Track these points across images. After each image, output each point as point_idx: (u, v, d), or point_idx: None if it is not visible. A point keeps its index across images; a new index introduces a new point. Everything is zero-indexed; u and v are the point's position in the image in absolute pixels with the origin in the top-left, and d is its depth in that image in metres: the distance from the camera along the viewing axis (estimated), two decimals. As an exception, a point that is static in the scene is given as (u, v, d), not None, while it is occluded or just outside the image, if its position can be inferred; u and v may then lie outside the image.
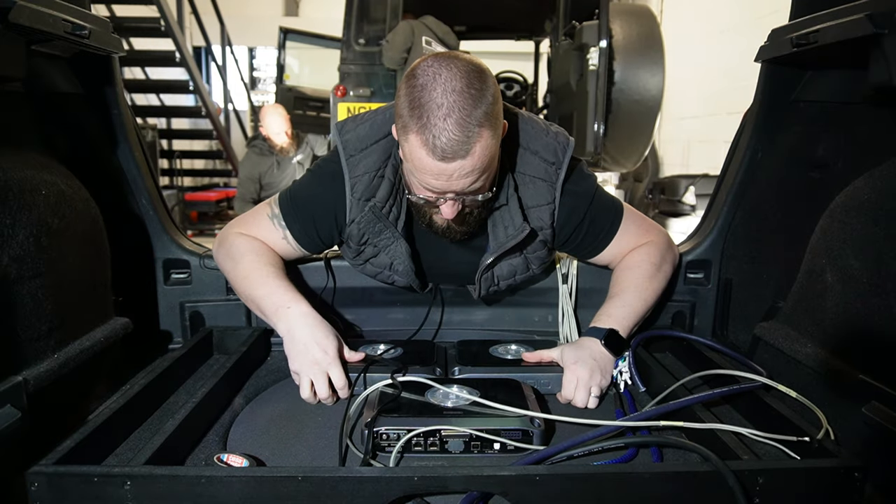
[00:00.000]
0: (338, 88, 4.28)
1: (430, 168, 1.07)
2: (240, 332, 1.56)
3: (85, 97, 1.44)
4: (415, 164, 1.10)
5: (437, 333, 1.60)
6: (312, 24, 7.75)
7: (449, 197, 1.14)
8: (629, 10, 4.38)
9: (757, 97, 1.50)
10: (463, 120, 1.03)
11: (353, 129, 1.30)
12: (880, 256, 1.06)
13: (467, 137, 1.04)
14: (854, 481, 0.88)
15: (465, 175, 1.08)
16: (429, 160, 1.06)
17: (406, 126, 1.07)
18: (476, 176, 1.10)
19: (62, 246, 1.17)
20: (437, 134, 1.03)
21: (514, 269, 1.41)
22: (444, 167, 1.06)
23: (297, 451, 1.10)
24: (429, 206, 1.21)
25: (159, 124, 7.84)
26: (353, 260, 1.44)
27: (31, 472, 0.86)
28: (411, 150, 1.08)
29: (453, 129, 1.03)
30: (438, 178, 1.09)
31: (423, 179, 1.11)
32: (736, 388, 1.18)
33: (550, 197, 1.31)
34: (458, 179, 1.09)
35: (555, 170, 1.30)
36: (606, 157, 4.17)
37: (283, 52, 6.80)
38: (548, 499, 0.87)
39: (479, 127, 1.04)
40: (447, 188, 1.11)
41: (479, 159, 1.07)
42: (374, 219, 1.29)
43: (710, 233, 1.61)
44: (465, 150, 1.04)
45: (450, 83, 1.04)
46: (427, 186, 1.13)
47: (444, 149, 1.04)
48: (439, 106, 1.03)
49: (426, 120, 1.04)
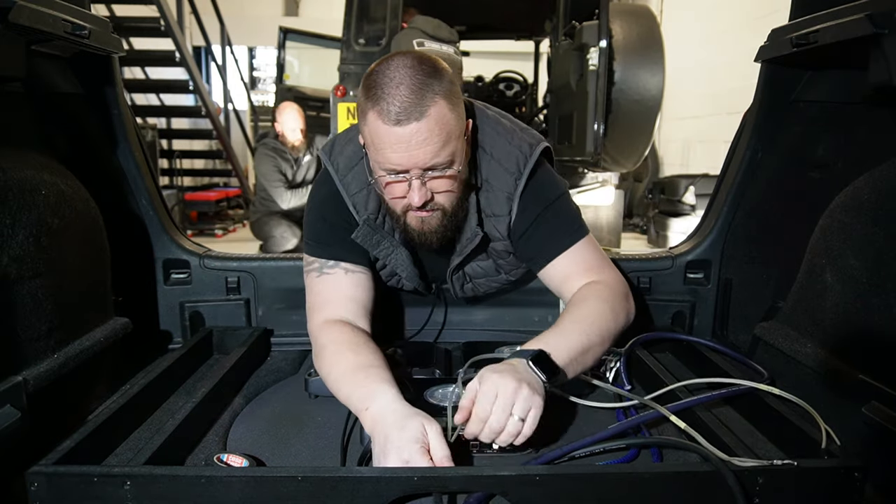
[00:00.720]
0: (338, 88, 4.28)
1: (387, 138, 1.07)
2: (240, 332, 1.56)
3: (85, 97, 1.44)
4: (374, 143, 1.10)
5: (440, 334, 1.60)
6: (312, 24, 7.75)
7: (414, 175, 1.11)
8: (629, 10, 4.38)
9: (757, 97, 1.50)
10: (415, 86, 1.05)
11: (340, 152, 1.31)
12: (880, 256, 1.06)
13: (420, 100, 1.05)
14: (854, 481, 0.88)
15: (423, 142, 1.07)
16: (385, 128, 1.06)
17: (363, 110, 1.09)
18: (436, 145, 1.08)
19: (62, 246, 1.17)
20: (390, 101, 1.05)
21: (485, 271, 1.40)
22: (400, 133, 1.06)
23: (297, 451, 1.10)
24: (397, 202, 1.18)
25: (159, 124, 7.83)
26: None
27: (30, 472, 0.86)
28: (370, 130, 1.09)
29: (406, 93, 1.05)
30: (397, 150, 1.08)
31: (385, 157, 1.10)
32: (736, 390, 1.18)
33: (507, 208, 1.28)
34: (417, 148, 1.07)
35: (514, 180, 1.26)
36: (606, 157, 4.16)
37: (283, 52, 6.80)
38: (548, 499, 0.87)
39: (434, 94, 1.06)
40: (409, 162, 1.09)
41: (436, 124, 1.07)
42: (370, 231, 1.28)
43: (710, 233, 1.61)
44: (420, 111, 1.05)
45: (401, 62, 1.08)
46: (390, 165, 1.10)
47: (399, 111, 1.05)
48: (391, 79, 1.06)
49: (379, 92, 1.06)
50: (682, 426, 1.03)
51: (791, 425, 1.05)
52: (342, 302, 1.27)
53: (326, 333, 1.21)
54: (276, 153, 4.45)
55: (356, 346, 1.16)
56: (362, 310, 1.29)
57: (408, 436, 0.93)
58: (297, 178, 4.56)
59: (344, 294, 1.28)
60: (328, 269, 1.30)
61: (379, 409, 1.00)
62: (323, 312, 1.26)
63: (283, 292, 1.61)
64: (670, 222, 5.87)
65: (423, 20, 3.81)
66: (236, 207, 8.27)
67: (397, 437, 0.93)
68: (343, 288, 1.29)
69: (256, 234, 4.67)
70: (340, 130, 4.56)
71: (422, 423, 0.96)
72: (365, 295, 1.31)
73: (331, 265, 1.30)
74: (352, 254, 1.30)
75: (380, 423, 0.98)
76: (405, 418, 0.96)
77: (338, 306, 1.26)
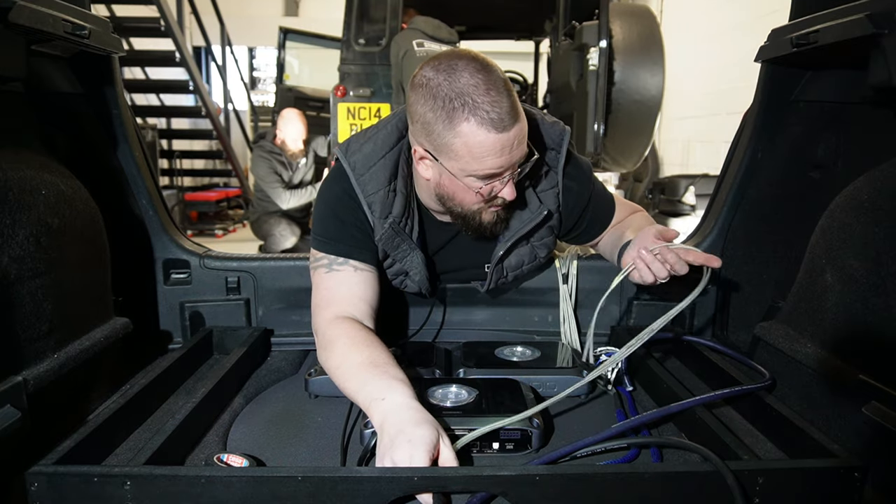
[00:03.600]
0: (338, 88, 4.28)
1: (493, 146, 1.07)
2: (240, 332, 1.56)
3: (85, 97, 1.44)
4: (474, 153, 1.08)
5: (439, 334, 1.60)
6: (312, 24, 7.75)
7: (509, 175, 1.15)
8: (629, 10, 4.37)
9: (757, 97, 1.50)
10: (501, 87, 1.06)
11: (358, 150, 1.30)
12: (880, 256, 1.06)
13: (512, 102, 1.07)
14: (854, 481, 0.88)
15: (521, 140, 1.11)
16: (492, 136, 1.06)
17: (451, 122, 1.07)
18: (525, 141, 1.13)
19: (62, 246, 1.17)
20: (489, 109, 1.04)
21: (522, 259, 1.43)
22: (505, 138, 1.07)
23: (297, 451, 1.10)
24: (485, 204, 1.20)
25: (159, 124, 7.84)
26: None
27: (30, 472, 0.86)
28: (467, 141, 1.07)
29: (500, 98, 1.05)
30: (501, 155, 1.09)
31: (486, 164, 1.10)
32: (738, 390, 1.18)
33: (555, 181, 1.35)
34: (517, 148, 1.10)
35: (555, 155, 1.33)
36: (606, 157, 4.16)
37: (283, 52, 6.80)
38: (548, 499, 0.87)
39: (510, 90, 1.08)
40: (508, 163, 1.11)
41: (524, 121, 1.10)
42: (393, 234, 1.29)
43: (710, 233, 1.61)
44: (516, 112, 1.07)
45: (469, 66, 1.07)
46: (491, 171, 1.11)
47: (503, 118, 1.05)
48: (475, 86, 1.05)
49: (471, 101, 1.05)
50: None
51: (791, 425, 1.05)
52: (351, 300, 1.27)
53: (337, 328, 1.21)
54: (272, 156, 4.46)
55: (371, 343, 1.16)
56: (370, 309, 1.29)
57: (422, 434, 0.93)
58: (294, 180, 4.57)
59: (353, 292, 1.28)
60: (337, 265, 1.30)
61: (395, 403, 0.99)
62: (331, 308, 1.26)
63: (283, 292, 1.61)
64: (670, 222, 5.87)
65: (422, 20, 3.81)
66: (236, 207, 8.28)
67: (411, 433, 0.93)
68: (352, 286, 1.29)
69: (256, 232, 4.68)
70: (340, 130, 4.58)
71: (438, 429, 0.96)
72: (372, 294, 1.31)
73: (340, 262, 1.30)
74: (361, 252, 1.31)
75: (395, 415, 0.97)
76: (424, 420, 0.96)
77: (347, 304, 1.27)
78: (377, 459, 0.95)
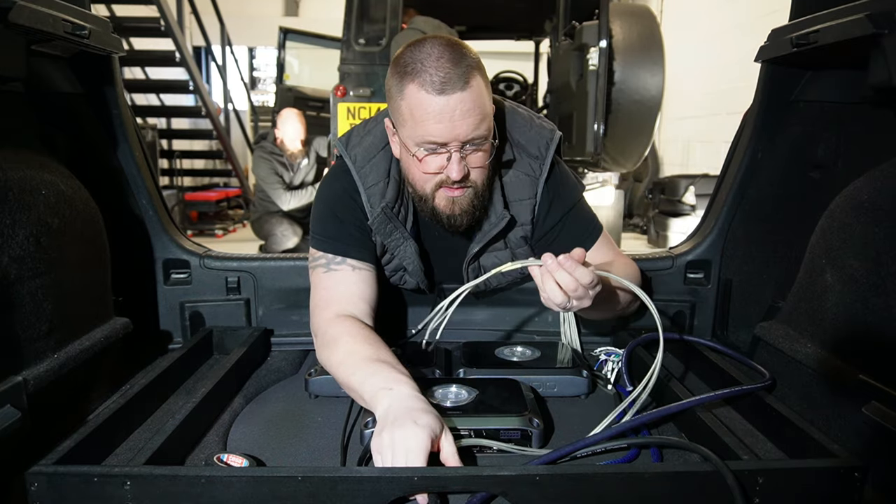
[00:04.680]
0: (338, 88, 4.28)
1: (431, 108, 1.07)
2: (240, 332, 1.56)
3: (85, 97, 1.44)
4: (415, 115, 1.10)
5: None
6: (312, 24, 7.75)
7: (454, 148, 1.12)
8: (629, 10, 4.37)
9: (757, 97, 1.50)
10: (455, 59, 1.08)
11: (358, 144, 1.31)
12: (880, 256, 1.06)
13: (462, 71, 1.07)
14: (854, 481, 0.88)
15: (466, 113, 1.08)
16: (429, 98, 1.07)
17: (400, 87, 1.10)
18: (476, 117, 1.10)
19: (62, 246, 1.17)
20: (433, 72, 1.07)
21: (501, 263, 1.40)
22: (444, 102, 1.07)
23: (297, 451, 1.10)
24: (435, 184, 1.18)
25: (159, 124, 7.84)
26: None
27: (30, 472, 0.86)
28: (409, 102, 1.09)
29: (448, 65, 1.07)
30: (441, 121, 1.08)
31: (427, 130, 1.10)
32: (738, 390, 1.18)
33: (532, 192, 1.31)
34: (460, 119, 1.09)
35: (538, 164, 1.30)
36: (606, 157, 4.16)
37: (283, 52, 6.80)
38: (548, 499, 0.87)
39: (472, 68, 1.09)
40: (450, 134, 1.10)
41: (478, 95, 1.09)
42: (385, 220, 1.28)
43: (710, 233, 1.61)
44: (463, 80, 1.07)
45: (435, 41, 1.11)
46: (431, 138, 1.11)
47: (445, 82, 1.06)
48: (429, 55, 1.08)
49: (419, 66, 1.08)
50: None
51: (791, 425, 1.05)
52: (351, 299, 1.27)
53: (339, 326, 1.20)
54: (273, 157, 4.47)
55: (375, 341, 1.16)
56: (369, 308, 1.29)
57: (429, 420, 0.93)
58: (295, 181, 4.57)
59: (351, 291, 1.28)
60: (335, 265, 1.30)
61: (404, 393, 1.00)
62: (331, 308, 1.26)
63: (283, 292, 1.61)
64: (670, 222, 5.87)
65: (422, 20, 3.82)
66: (236, 207, 8.28)
67: (418, 417, 0.93)
68: (350, 285, 1.29)
69: (257, 232, 4.68)
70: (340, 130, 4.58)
71: (443, 423, 0.96)
72: (371, 293, 1.31)
73: (338, 261, 1.30)
74: (359, 251, 1.30)
75: (403, 402, 0.97)
76: (432, 411, 0.96)
77: (346, 303, 1.27)
78: (374, 434, 0.95)
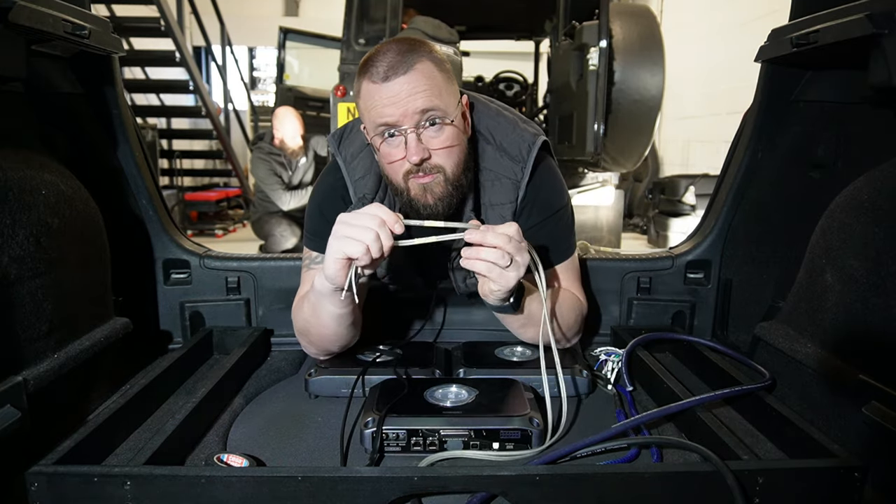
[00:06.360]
0: (338, 88, 4.28)
1: (377, 94, 1.12)
2: (240, 332, 1.56)
3: (85, 97, 1.44)
4: (367, 106, 1.15)
5: (439, 334, 1.60)
6: (312, 24, 7.75)
7: (408, 129, 1.13)
8: (629, 10, 4.38)
9: (757, 97, 1.50)
10: (401, 50, 1.13)
11: (349, 139, 1.34)
12: (880, 256, 1.06)
13: (405, 59, 1.12)
14: (854, 481, 0.88)
15: (411, 92, 1.11)
16: (374, 87, 1.12)
17: (357, 87, 1.17)
18: (424, 96, 1.12)
19: (62, 246, 1.17)
20: (377, 63, 1.12)
21: None
22: (388, 88, 1.11)
23: (297, 451, 1.10)
24: (404, 171, 1.17)
25: (159, 124, 7.85)
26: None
27: (30, 472, 0.86)
28: (362, 97, 1.16)
29: (393, 55, 1.12)
30: (388, 103, 1.12)
31: (378, 113, 1.13)
32: (738, 390, 1.18)
33: (514, 195, 1.30)
34: (407, 97, 1.11)
35: (520, 168, 1.28)
36: (606, 157, 4.17)
37: (283, 52, 6.80)
38: (548, 499, 0.87)
39: (419, 55, 1.13)
40: (401, 114, 1.12)
41: (423, 76, 1.12)
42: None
43: (710, 233, 1.61)
44: (406, 67, 1.11)
45: (387, 42, 1.16)
46: (382, 120, 1.13)
47: (386, 69, 1.11)
48: (378, 51, 1.15)
49: (369, 62, 1.14)
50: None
51: (791, 425, 1.05)
52: None
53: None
54: (271, 157, 4.47)
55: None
56: None
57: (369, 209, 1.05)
58: (294, 180, 4.58)
59: None
60: (315, 264, 1.32)
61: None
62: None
63: (283, 292, 1.61)
64: (670, 222, 5.88)
65: (422, 20, 3.81)
66: (236, 207, 8.28)
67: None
68: None
69: (257, 232, 4.69)
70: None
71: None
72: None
73: (319, 259, 1.31)
74: None
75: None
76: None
77: None
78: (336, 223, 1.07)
